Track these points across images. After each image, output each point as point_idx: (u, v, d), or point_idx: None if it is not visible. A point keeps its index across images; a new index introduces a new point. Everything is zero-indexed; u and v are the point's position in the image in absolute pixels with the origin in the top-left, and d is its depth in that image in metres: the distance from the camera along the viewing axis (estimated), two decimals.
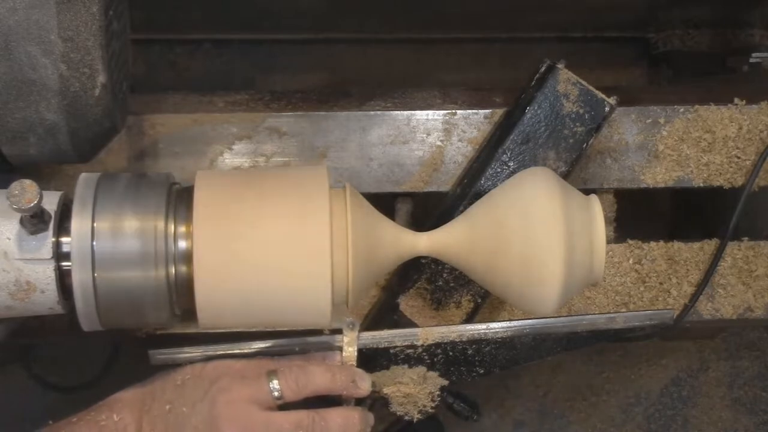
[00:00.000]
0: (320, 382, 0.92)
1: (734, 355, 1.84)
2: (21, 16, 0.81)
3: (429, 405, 0.99)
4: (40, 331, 1.08)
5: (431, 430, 1.06)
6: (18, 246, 0.85)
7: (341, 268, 0.89)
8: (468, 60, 1.59)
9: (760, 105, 1.16)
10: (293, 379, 0.91)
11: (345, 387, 0.94)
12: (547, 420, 1.80)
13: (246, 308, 0.90)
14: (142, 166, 1.10)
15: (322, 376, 0.92)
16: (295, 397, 0.92)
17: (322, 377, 0.92)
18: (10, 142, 0.87)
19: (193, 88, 1.28)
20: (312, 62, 1.57)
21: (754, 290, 1.18)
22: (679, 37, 1.52)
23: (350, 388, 0.94)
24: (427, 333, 0.98)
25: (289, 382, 0.91)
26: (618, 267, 1.17)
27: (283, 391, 0.91)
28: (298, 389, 0.91)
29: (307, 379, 0.92)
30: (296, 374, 0.92)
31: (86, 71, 0.85)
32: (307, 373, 0.92)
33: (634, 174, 1.16)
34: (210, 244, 0.87)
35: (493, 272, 0.93)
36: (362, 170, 1.13)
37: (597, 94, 1.08)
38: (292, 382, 0.91)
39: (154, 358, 0.95)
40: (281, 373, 0.91)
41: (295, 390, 0.91)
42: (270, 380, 0.91)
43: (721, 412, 1.83)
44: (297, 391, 0.91)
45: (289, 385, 0.91)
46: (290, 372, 0.92)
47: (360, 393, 0.95)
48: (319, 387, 0.92)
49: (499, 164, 1.08)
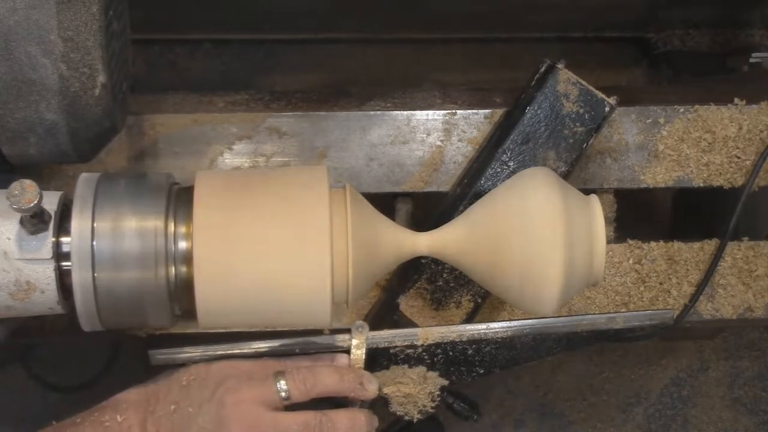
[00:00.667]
0: (329, 383, 0.92)
1: (734, 355, 1.84)
2: (21, 16, 0.81)
3: (429, 405, 0.99)
4: (40, 331, 1.08)
5: (431, 430, 1.06)
6: (18, 246, 0.86)
7: (341, 268, 0.89)
8: (468, 60, 1.59)
9: (760, 105, 1.16)
10: (301, 380, 0.91)
11: (353, 389, 0.94)
12: (547, 420, 1.80)
13: (246, 308, 0.90)
14: (142, 166, 1.10)
15: (330, 378, 0.92)
16: (303, 398, 0.92)
17: (330, 378, 0.92)
18: (10, 142, 0.87)
19: (193, 88, 1.28)
20: (312, 62, 1.57)
21: (754, 290, 1.18)
22: (679, 37, 1.52)
23: (358, 390, 0.94)
24: (427, 333, 0.98)
25: (297, 383, 0.91)
26: (618, 267, 1.17)
27: (291, 391, 0.91)
28: (306, 390, 0.91)
29: (315, 380, 0.92)
30: (304, 375, 0.92)
31: (86, 71, 0.85)
32: (315, 374, 0.92)
33: (634, 174, 1.16)
34: (210, 244, 0.87)
35: (493, 272, 0.93)
36: (362, 170, 1.13)
37: (597, 94, 1.08)
38: (300, 382, 0.91)
39: (154, 358, 0.95)
40: (289, 374, 0.91)
41: (303, 391, 0.91)
42: (277, 381, 0.91)
43: (721, 412, 1.83)
44: (305, 392, 0.91)
45: (297, 385, 0.91)
46: (298, 373, 0.92)
47: (367, 395, 0.95)
48: (327, 388, 0.92)
49: (499, 164, 1.08)
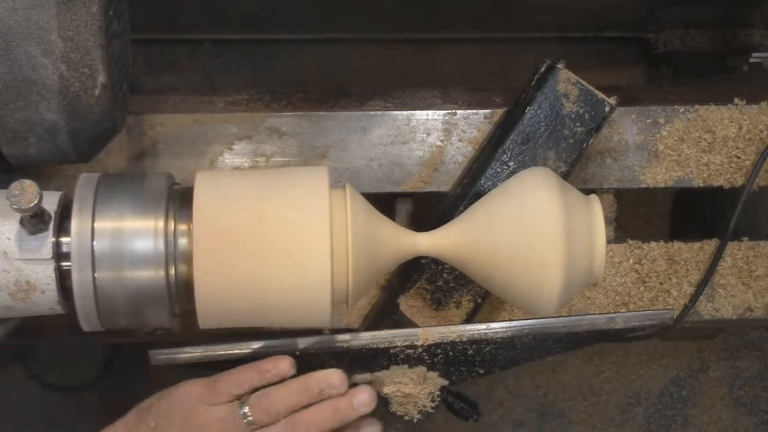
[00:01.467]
0: (295, 402, 0.91)
1: (734, 355, 1.84)
2: (21, 16, 0.81)
3: (429, 405, 0.99)
4: (40, 331, 1.08)
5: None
6: (18, 246, 0.85)
7: (341, 268, 0.89)
8: (468, 60, 1.59)
9: (760, 105, 1.16)
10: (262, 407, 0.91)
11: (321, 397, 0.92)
12: (547, 420, 1.80)
13: (246, 308, 0.90)
14: (142, 166, 1.10)
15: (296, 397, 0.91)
16: (271, 421, 0.91)
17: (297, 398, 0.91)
18: (10, 142, 0.87)
19: (193, 88, 1.28)
20: (312, 62, 1.57)
21: (754, 290, 1.18)
22: (679, 37, 1.52)
23: None
24: (427, 333, 0.98)
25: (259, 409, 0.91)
26: (618, 267, 1.17)
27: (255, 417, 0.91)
28: (270, 416, 0.91)
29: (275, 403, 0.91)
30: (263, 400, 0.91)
31: (86, 71, 0.85)
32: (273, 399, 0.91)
33: (634, 174, 1.16)
34: (210, 244, 0.87)
35: (493, 272, 0.93)
36: (362, 170, 1.13)
37: (597, 94, 1.08)
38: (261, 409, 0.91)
39: (154, 358, 0.95)
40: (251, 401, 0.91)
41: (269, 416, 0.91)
42: (241, 408, 0.91)
43: (721, 412, 1.83)
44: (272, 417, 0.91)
45: (259, 412, 0.91)
46: (258, 400, 0.91)
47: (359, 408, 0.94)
48: (295, 406, 0.91)
49: (499, 164, 1.08)
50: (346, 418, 0.93)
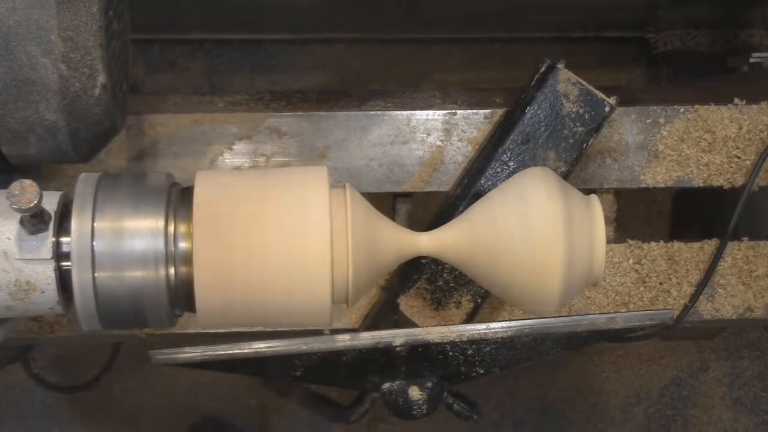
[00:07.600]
0: None
1: (734, 355, 1.84)
2: (21, 16, 0.82)
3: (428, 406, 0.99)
4: (40, 331, 1.08)
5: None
6: (18, 246, 0.85)
7: (341, 268, 0.89)
8: (468, 60, 1.59)
9: (760, 105, 1.17)
10: None
11: None
12: (547, 420, 1.80)
13: (246, 308, 0.90)
14: (142, 166, 1.11)
15: None
16: None
17: None
18: (10, 142, 0.87)
19: (193, 88, 1.28)
20: (312, 62, 1.57)
21: (754, 290, 1.18)
22: (679, 37, 1.52)
23: None
24: (427, 333, 0.98)
25: None
26: (618, 267, 1.17)
27: None
28: None
29: None
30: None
31: (86, 71, 0.85)
32: None
33: (634, 174, 1.16)
34: (210, 244, 0.87)
35: (493, 272, 0.93)
36: (362, 170, 1.13)
37: (597, 94, 1.08)
38: None
39: (154, 358, 0.95)
40: None
41: None
42: None
43: (721, 412, 1.83)
44: None
45: None
46: None
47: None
48: None
49: (499, 164, 1.08)
50: None
